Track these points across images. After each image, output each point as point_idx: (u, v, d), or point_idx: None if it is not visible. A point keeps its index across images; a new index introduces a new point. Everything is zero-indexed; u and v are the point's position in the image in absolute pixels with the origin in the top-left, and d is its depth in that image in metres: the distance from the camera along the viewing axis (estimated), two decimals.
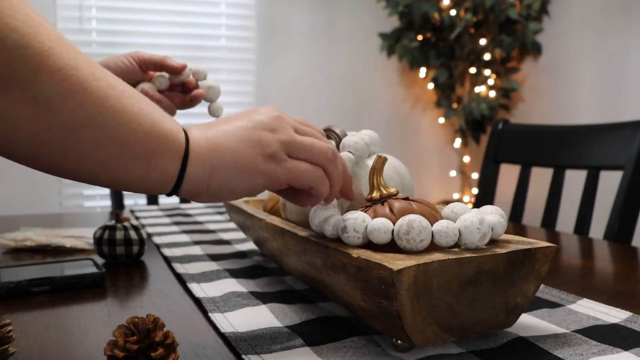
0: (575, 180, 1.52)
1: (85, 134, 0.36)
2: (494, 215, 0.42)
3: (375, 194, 0.45)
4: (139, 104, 0.38)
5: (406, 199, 0.44)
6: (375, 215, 0.42)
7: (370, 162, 0.52)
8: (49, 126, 0.35)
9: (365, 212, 0.44)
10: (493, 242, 0.42)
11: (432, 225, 0.40)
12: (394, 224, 0.40)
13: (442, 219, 0.43)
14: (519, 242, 0.42)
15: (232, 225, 0.94)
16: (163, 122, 0.39)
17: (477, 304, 0.39)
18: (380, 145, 0.56)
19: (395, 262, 0.36)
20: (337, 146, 0.55)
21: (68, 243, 0.75)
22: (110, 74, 0.38)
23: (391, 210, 0.42)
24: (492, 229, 0.41)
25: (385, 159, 0.46)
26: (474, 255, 0.38)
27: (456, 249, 0.40)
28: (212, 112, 0.70)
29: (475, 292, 0.39)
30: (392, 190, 0.45)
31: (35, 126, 0.35)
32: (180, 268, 0.64)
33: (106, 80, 0.37)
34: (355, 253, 0.39)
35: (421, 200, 0.44)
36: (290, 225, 0.52)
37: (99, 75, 0.37)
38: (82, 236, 0.80)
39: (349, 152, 0.51)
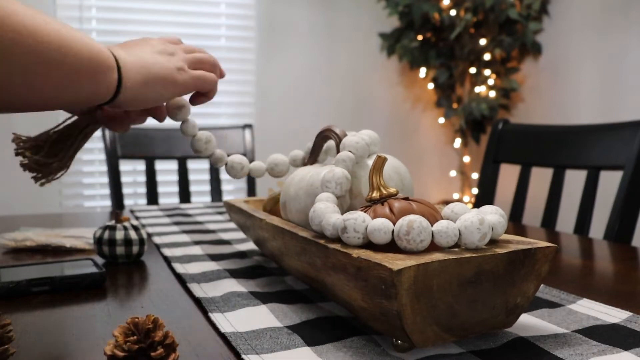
0: (575, 180, 1.52)
1: (41, 66, 0.42)
2: (494, 215, 0.42)
3: (375, 194, 0.45)
4: (73, 32, 0.45)
5: (406, 199, 0.44)
6: (375, 215, 0.42)
7: (370, 162, 0.52)
8: (11, 61, 0.40)
9: (365, 212, 0.44)
10: (493, 242, 0.42)
11: (432, 225, 0.40)
12: (394, 224, 0.40)
13: (442, 219, 0.43)
14: (519, 242, 0.42)
15: (232, 225, 0.94)
16: (94, 44, 0.47)
17: (477, 304, 0.39)
18: (380, 145, 0.56)
19: (395, 262, 0.36)
20: (337, 146, 0.55)
21: (68, 243, 0.75)
22: (44, 14, 0.44)
23: (391, 210, 0.42)
24: (492, 229, 0.41)
25: (385, 159, 0.46)
26: (474, 255, 0.38)
27: (456, 249, 0.40)
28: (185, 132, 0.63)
29: (475, 292, 0.39)
30: (392, 190, 0.45)
31: (2, 69, 0.40)
32: (180, 268, 0.64)
33: (43, 18, 0.43)
34: (355, 253, 0.39)
35: (421, 200, 0.44)
36: (290, 225, 0.52)
37: (35, 15, 0.42)
38: (82, 236, 0.80)
39: (349, 151, 0.51)
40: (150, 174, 1.45)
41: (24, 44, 0.41)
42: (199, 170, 2.30)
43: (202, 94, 0.59)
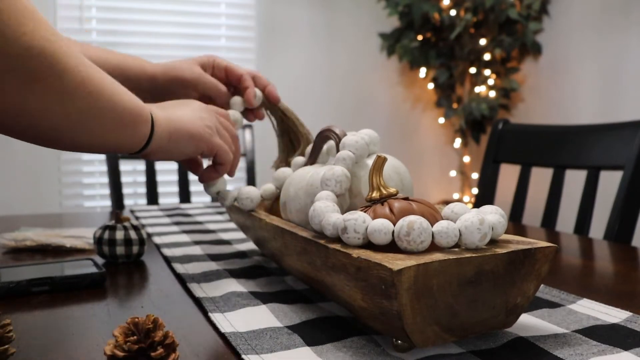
0: (575, 180, 1.52)
1: (91, 115, 0.49)
2: (494, 215, 0.42)
3: (375, 194, 0.45)
4: (118, 87, 0.51)
5: (406, 199, 0.44)
6: (375, 216, 0.42)
7: (370, 162, 0.52)
8: (69, 112, 0.47)
9: (365, 212, 0.44)
10: (493, 242, 0.42)
11: (432, 225, 0.40)
12: (394, 224, 0.40)
13: (442, 219, 0.43)
14: (519, 242, 0.42)
15: (232, 225, 0.94)
16: (134, 99, 0.53)
17: (477, 304, 0.39)
18: (380, 145, 0.56)
19: (396, 262, 0.36)
20: (337, 146, 0.55)
21: (68, 243, 0.75)
22: (96, 67, 0.50)
23: (391, 210, 0.42)
24: (492, 228, 0.41)
25: (385, 159, 0.46)
26: (474, 255, 0.38)
27: (456, 249, 0.40)
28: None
29: (475, 292, 0.39)
30: (392, 190, 0.45)
31: (60, 113, 0.46)
32: (180, 268, 0.64)
33: (99, 72, 0.50)
34: (356, 253, 0.39)
35: (421, 200, 0.44)
36: (290, 225, 0.52)
37: (94, 69, 0.49)
38: (82, 236, 0.80)
39: (349, 151, 0.51)
40: (150, 174, 1.45)
41: (85, 91, 0.47)
42: None
43: (214, 167, 0.63)
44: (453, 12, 2.59)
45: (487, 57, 2.59)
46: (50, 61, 0.44)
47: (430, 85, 2.79)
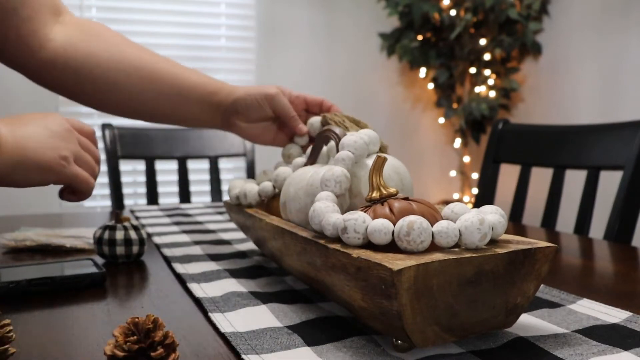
0: (575, 180, 1.52)
1: None
2: (494, 215, 0.42)
3: (375, 194, 0.45)
4: None
5: (406, 198, 0.44)
6: (375, 216, 0.42)
7: (370, 162, 0.52)
8: None
9: (365, 212, 0.44)
10: (493, 242, 0.42)
11: (432, 225, 0.40)
12: (393, 224, 0.40)
13: (442, 219, 0.43)
14: (519, 242, 0.42)
15: (232, 225, 0.94)
16: None
17: (477, 304, 0.39)
18: (380, 144, 0.56)
19: (395, 262, 0.36)
20: (337, 146, 0.55)
21: (68, 243, 0.75)
22: None
23: (391, 210, 0.42)
24: (492, 228, 0.41)
25: (384, 159, 0.46)
26: (474, 255, 0.38)
27: (456, 249, 0.40)
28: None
29: (475, 292, 0.39)
30: (392, 190, 0.45)
31: None
32: (180, 268, 0.64)
33: None
34: (355, 253, 0.39)
35: (421, 200, 0.44)
36: (290, 225, 0.52)
37: None
38: (82, 236, 0.80)
39: (349, 151, 0.51)
40: (150, 174, 1.45)
41: None
42: (199, 170, 2.30)
43: (73, 192, 0.58)
44: (453, 12, 2.59)
45: (487, 57, 2.60)
46: None
47: (430, 85, 2.79)
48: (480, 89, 2.64)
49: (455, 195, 2.91)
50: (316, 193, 0.50)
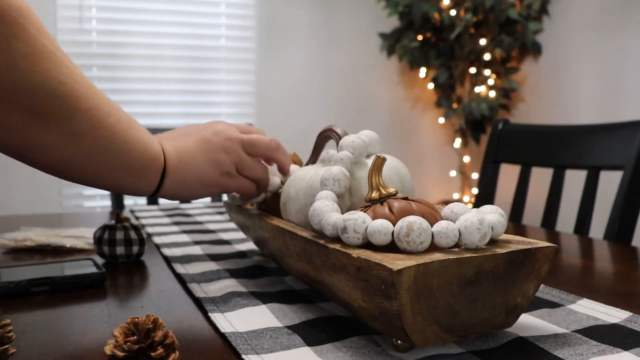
0: (575, 180, 1.52)
1: (99, 158, 0.49)
2: (494, 215, 0.42)
3: (375, 194, 0.45)
4: (137, 133, 0.52)
5: (405, 198, 0.44)
6: (375, 216, 0.42)
7: (369, 163, 0.52)
8: (75, 153, 0.48)
9: (364, 212, 0.44)
10: (493, 242, 0.42)
11: (432, 225, 0.40)
12: (393, 224, 0.40)
13: (442, 219, 0.43)
14: (519, 242, 0.42)
15: (232, 225, 0.94)
16: (151, 145, 0.53)
17: (477, 304, 0.39)
18: (380, 145, 0.56)
19: (395, 262, 0.36)
20: (337, 145, 0.55)
21: (68, 243, 0.75)
22: (117, 108, 0.51)
23: (390, 210, 0.42)
24: (492, 228, 0.41)
25: (384, 159, 0.45)
26: (474, 255, 0.38)
27: (456, 249, 0.40)
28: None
29: (475, 292, 0.39)
30: (392, 190, 0.45)
31: (65, 153, 0.47)
32: (180, 268, 0.64)
33: (116, 115, 0.50)
34: (355, 253, 0.39)
35: (421, 200, 0.44)
36: (290, 225, 0.52)
37: (111, 112, 0.50)
38: (82, 236, 0.80)
39: (347, 151, 0.51)
40: None
41: (95, 135, 0.48)
42: None
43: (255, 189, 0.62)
44: (453, 12, 2.59)
45: (487, 57, 2.60)
46: (60, 102, 0.45)
47: (430, 85, 2.79)
48: (480, 89, 2.65)
49: (455, 195, 2.91)
50: (315, 194, 0.50)
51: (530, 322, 0.47)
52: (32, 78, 0.44)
